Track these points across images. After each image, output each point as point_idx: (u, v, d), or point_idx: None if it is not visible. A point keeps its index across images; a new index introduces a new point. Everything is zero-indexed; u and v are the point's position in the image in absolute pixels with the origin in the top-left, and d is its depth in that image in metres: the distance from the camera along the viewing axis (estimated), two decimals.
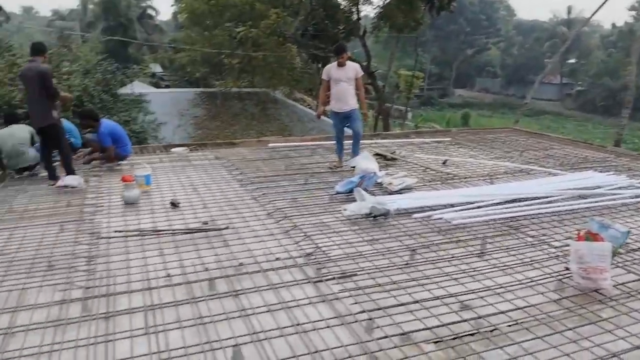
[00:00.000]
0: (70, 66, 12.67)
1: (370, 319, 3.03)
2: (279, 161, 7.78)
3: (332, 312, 3.18)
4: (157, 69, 30.90)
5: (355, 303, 3.27)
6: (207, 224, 4.93)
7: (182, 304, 3.27)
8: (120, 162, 7.32)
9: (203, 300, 3.32)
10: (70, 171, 6.36)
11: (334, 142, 7.35)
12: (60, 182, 6.03)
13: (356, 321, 3.05)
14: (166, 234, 4.58)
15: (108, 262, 3.95)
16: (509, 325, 3.01)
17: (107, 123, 7.18)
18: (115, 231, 4.60)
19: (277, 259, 3.98)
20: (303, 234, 4.55)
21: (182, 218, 5.08)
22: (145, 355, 2.71)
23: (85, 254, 4.07)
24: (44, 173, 6.54)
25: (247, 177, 6.70)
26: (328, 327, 3.00)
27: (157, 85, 26.78)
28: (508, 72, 59.02)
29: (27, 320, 3.04)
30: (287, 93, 21.91)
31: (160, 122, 14.57)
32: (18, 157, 6.45)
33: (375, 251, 4.13)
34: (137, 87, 15.76)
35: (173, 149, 8.25)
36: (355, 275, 3.67)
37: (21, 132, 6.55)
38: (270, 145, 8.99)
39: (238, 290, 3.46)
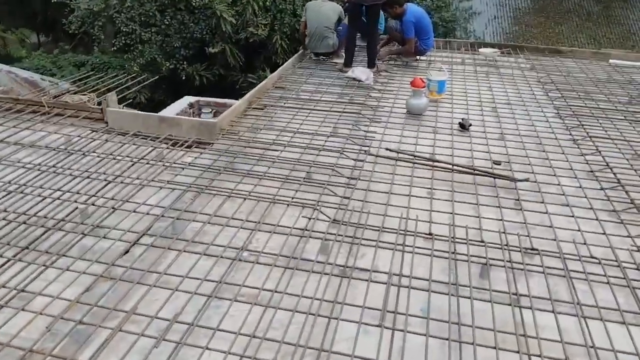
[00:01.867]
0: None
1: None
2: (621, 88, 5.60)
3: None
4: None
5: None
6: (499, 164, 3.71)
7: (438, 292, 2.33)
8: (418, 57, 6.42)
9: (467, 296, 2.29)
10: (373, 60, 5.81)
11: None
12: (350, 72, 5.54)
13: None
14: (442, 167, 3.59)
15: (367, 189, 3.25)
16: None
17: (413, 9, 6.16)
18: (387, 149, 3.84)
19: (598, 261, 2.57)
20: None
21: (469, 148, 3.96)
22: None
23: (346, 171, 3.46)
24: (338, 60, 6.18)
25: (568, 105, 4.97)
26: None
27: None
28: None
29: (262, 245, 2.61)
30: None
31: (475, 11, 12.91)
32: (320, 41, 6.18)
33: None
34: None
35: (481, 50, 6.86)
36: None
37: (331, 11, 6.17)
38: (612, 61, 6.63)
39: (520, 296, 2.31)
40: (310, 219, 2.84)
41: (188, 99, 6.69)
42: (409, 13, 6.04)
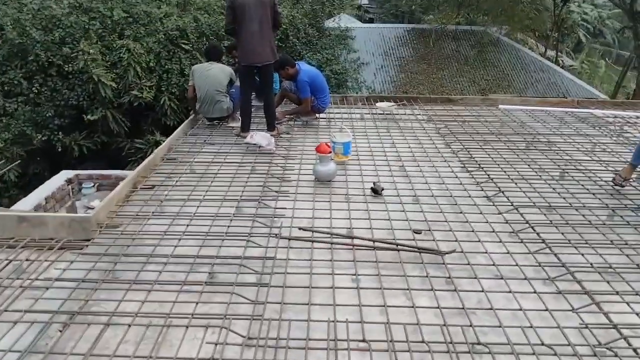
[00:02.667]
0: None
1: None
2: (516, 134, 5.76)
3: None
4: (363, 0, 29.51)
5: None
6: (420, 233, 3.43)
7: None
8: (317, 115, 6.18)
9: None
10: (272, 122, 5.44)
11: None
12: (249, 138, 5.09)
13: None
14: (364, 245, 3.21)
15: (283, 286, 2.75)
16: None
17: (306, 69, 5.92)
18: (300, 228, 3.40)
19: (553, 352, 2.28)
20: (583, 291, 2.74)
21: (386, 216, 3.65)
22: None
23: (257, 264, 2.94)
24: (235, 124, 5.74)
25: (472, 158, 4.93)
26: None
27: (361, 19, 25.55)
28: None
29: None
30: (507, 33, 18.56)
31: (363, 62, 13.26)
32: (212, 105, 5.69)
33: None
34: (344, 20, 14.56)
35: (378, 104, 6.82)
36: None
37: (221, 74, 5.71)
38: (501, 107, 6.92)
39: None
40: (217, 344, 2.26)
41: (65, 174, 5.81)
42: (302, 73, 5.79)
